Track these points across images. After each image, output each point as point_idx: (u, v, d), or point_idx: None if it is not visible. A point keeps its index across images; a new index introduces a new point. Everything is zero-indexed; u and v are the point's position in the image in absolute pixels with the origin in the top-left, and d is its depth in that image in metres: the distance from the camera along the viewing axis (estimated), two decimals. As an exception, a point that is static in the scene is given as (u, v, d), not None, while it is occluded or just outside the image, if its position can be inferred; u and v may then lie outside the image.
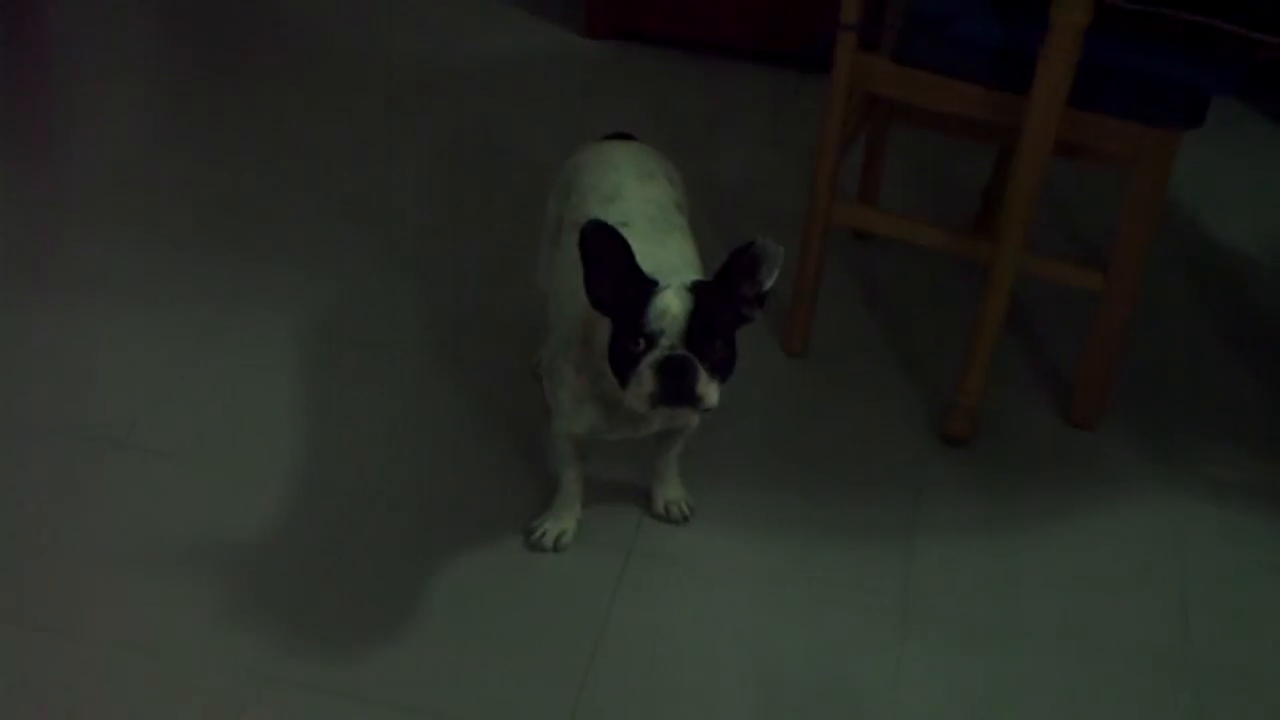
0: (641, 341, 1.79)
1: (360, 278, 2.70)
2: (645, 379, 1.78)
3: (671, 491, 2.22)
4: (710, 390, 1.81)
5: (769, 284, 1.87)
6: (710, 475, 2.29)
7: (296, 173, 3.01)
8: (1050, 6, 2.03)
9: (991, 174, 2.81)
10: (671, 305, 1.79)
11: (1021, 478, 2.37)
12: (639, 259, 1.84)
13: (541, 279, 2.25)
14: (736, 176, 3.12)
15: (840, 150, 2.42)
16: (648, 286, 1.81)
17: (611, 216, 1.98)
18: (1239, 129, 3.48)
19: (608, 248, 1.82)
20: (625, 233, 1.86)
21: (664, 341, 1.79)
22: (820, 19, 3.29)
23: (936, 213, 3.01)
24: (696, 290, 1.82)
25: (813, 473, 2.34)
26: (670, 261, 1.96)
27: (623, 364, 1.81)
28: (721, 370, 1.82)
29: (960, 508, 2.30)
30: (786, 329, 2.60)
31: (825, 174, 2.42)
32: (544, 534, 2.14)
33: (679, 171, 2.26)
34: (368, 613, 2.02)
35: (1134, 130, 2.20)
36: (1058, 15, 2.02)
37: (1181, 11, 2.17)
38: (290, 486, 2.20)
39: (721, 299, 1.84)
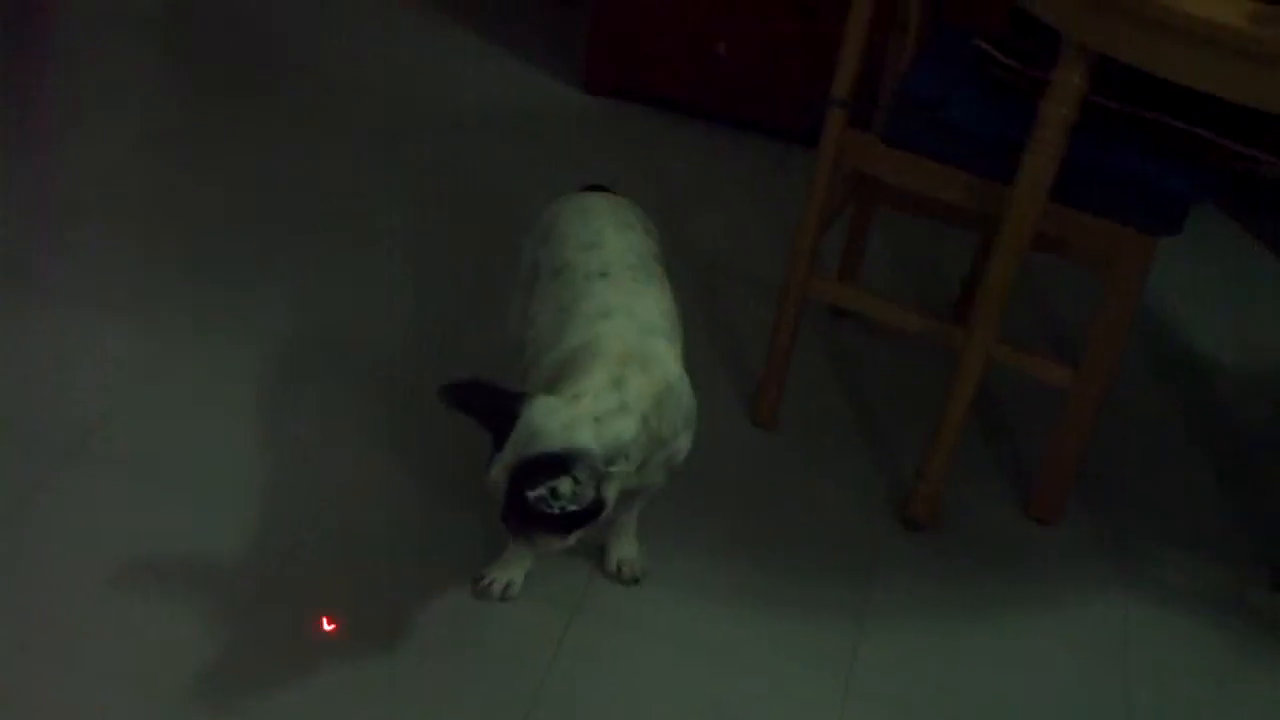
0: None
1: (338, 309, 2.69)
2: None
3: (625, 550, 2.20)
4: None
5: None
6: (666, 539, 2.28)
7: (286, 201, 3.00)
8: (1039, 100, 2.04)
9: (972, 262, 2.83)
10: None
11: (976, 565, 2.37)
12: (614, 309, 1.85)
13: (512, 327, 2.24)
14: (718, 242, 3.13)
15: (822, 224, 2.43)
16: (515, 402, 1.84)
17: (591, 264, 1.99)
18: (1212, 234, 3.51)
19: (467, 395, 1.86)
20: (604, 282, 1.87)
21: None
22: (814, 94, 3.35)
23: (916, 296, 3.02)
24: None
25: (771, 545, 2.33)
26: (648, 313, 1.97)
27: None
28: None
29: (912, 591, 2.29)
30: (756, 399, 2.59)
31: (805, 246, 2.43)
32: (492, 583, 2.12)
33: (655, 227, 2.26)
34: (303, 647, 1.99)
35: (1113, 230, 2.22)
36: (1046, 109, 2.03)
37: (1168, 118, 2.20)
38: (240, 516, 2.18)
39: None
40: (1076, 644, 2.25)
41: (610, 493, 1.84)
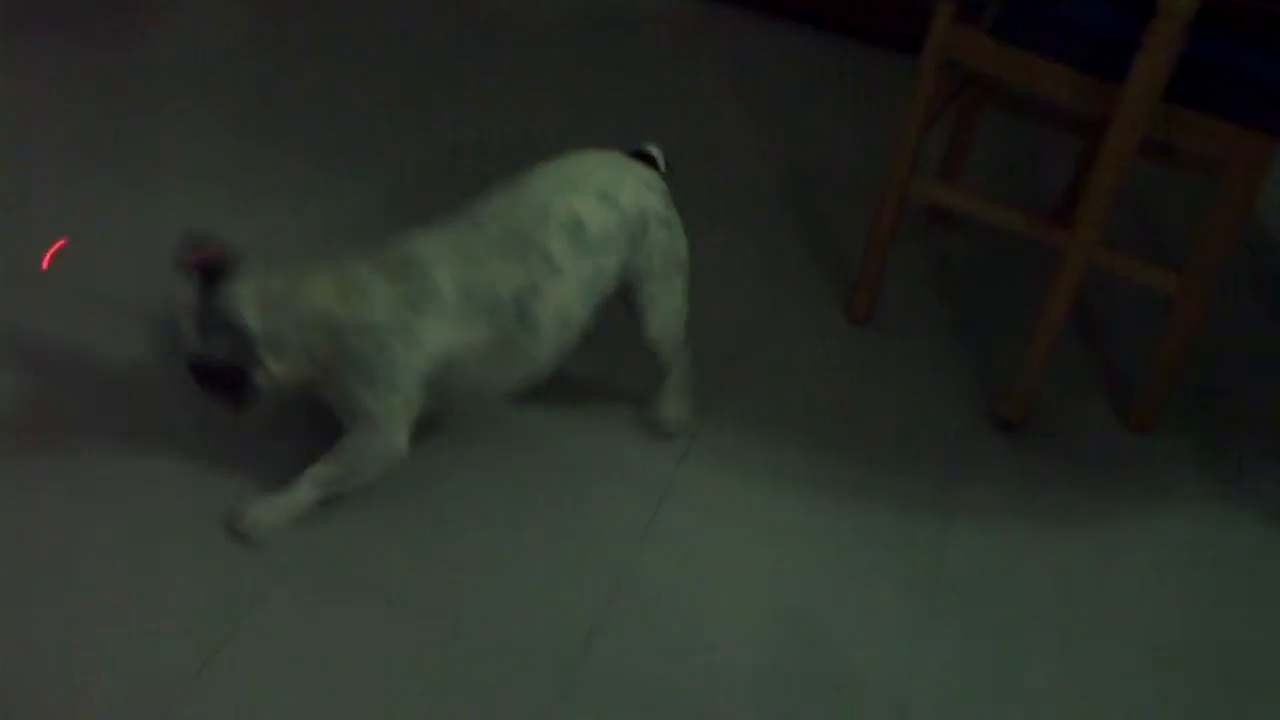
0: None
1: (412, 201, 2.71)
2: None
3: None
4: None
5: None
6: (758, 429, 2.29)
7: (372, 92, 3.02)
8: (1158, -7, 2.00)
9: (1075, 168, 2.78)
10: None
11: (1067, 470, 2.35)
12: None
13: None
14: (814, 147, 3.11)
15: (926, 123, 2.40)
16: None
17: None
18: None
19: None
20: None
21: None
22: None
23: (1014, 202, 2.98)
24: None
25: (862, 439, 2.33)
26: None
27: None
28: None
29: (1002, 490, 2.28)
30: (852, 296, 2.58)
31: (908, 144, 2.40)
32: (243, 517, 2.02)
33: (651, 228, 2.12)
34: (397, 514, 2.03)
35: (1230, 132, 2.16)
36: (1164, 1, 1.98)
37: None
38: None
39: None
40: (1167, 555, 2.23)
41: (263, 374, 1.90)
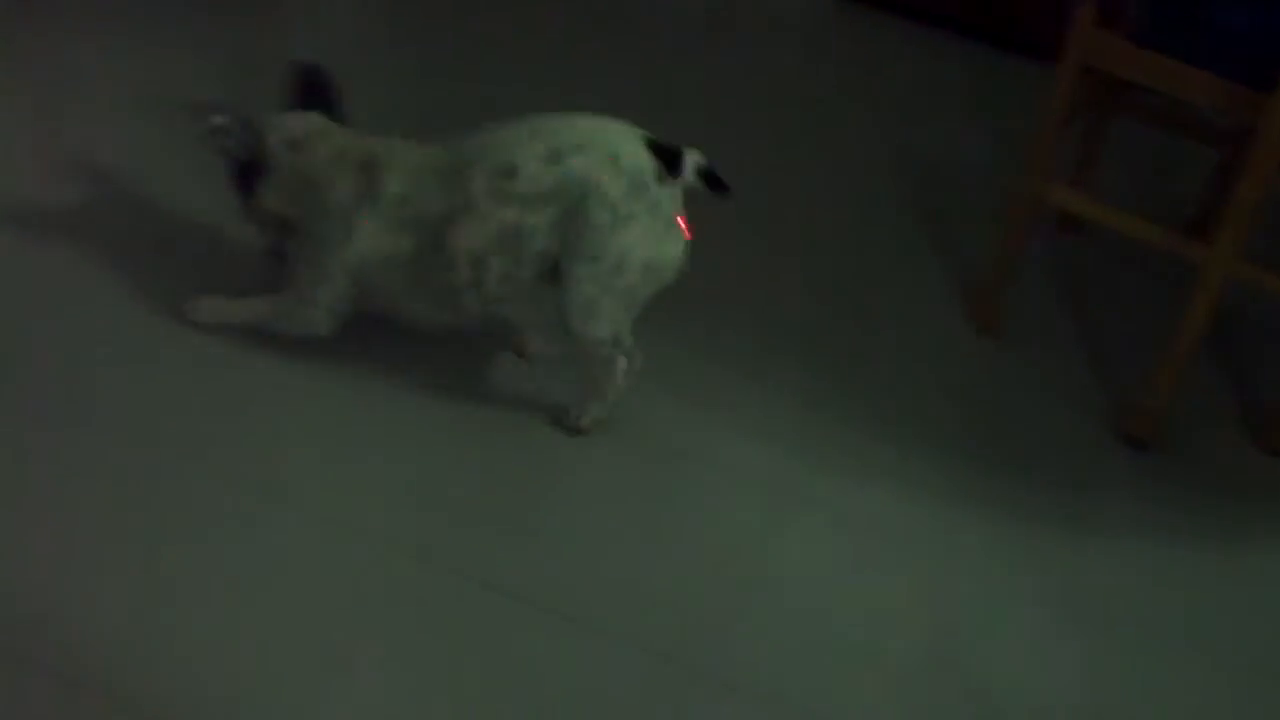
0: None
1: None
2: None
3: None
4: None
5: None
6: (884, 435, 2.26)
7: (500, 84, 3.03)
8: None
9: (1212, 180, 2.71)
10: None
11: (1198, 490, 2.29)
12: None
13: None
14: (943, 151, 3.06)
15: (1060, 130, 2.35)
16: None
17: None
18: None
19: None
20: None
21: None
22: (1048, 4, 3.23)
23: (1149, 212, 2.91)
24: None
25: (988, 450, 2.29)
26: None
27: None
28: None
29: (1131, 508, 2.23)
30: (978, 306, 2.54)
31: (1043, 151, 2.35)
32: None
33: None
34: (525, 509, 2.03)
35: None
36: (1323, 9, 1.93)
37: None
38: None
39: None
40: (1302, 577, 2.16)
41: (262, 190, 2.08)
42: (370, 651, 1.80)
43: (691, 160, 2.06)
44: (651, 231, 2.02)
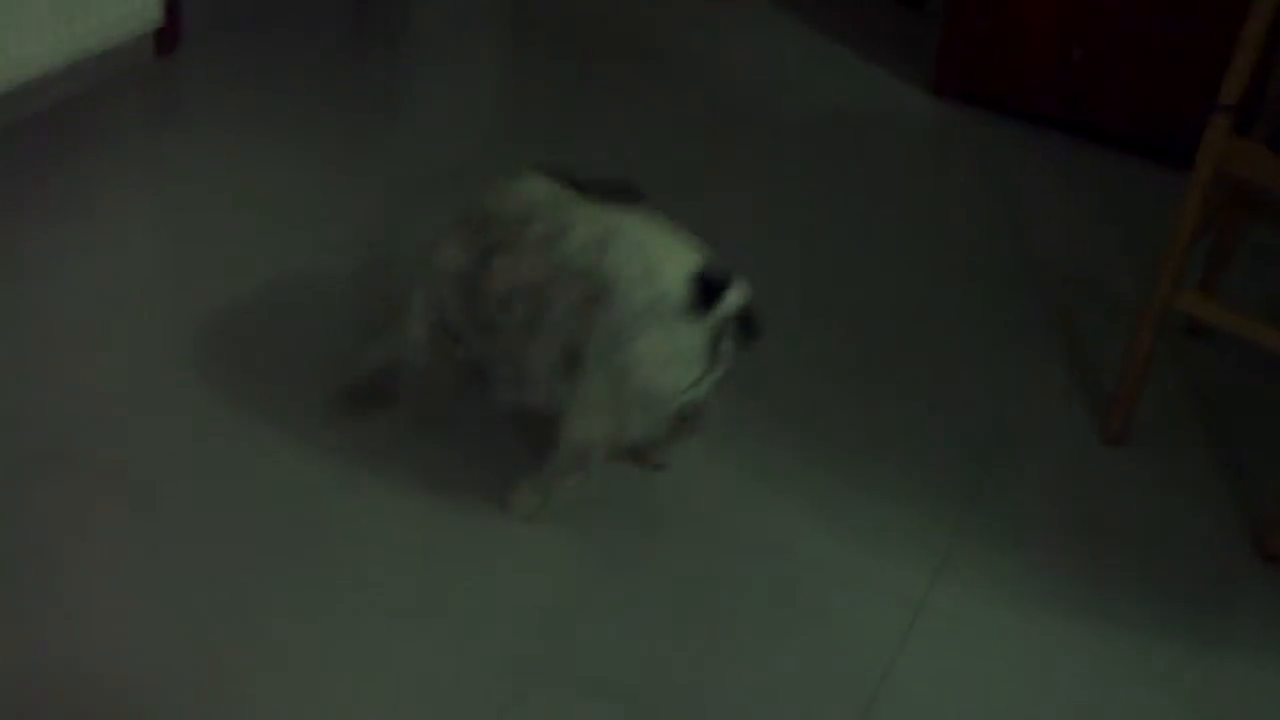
0: None
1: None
2: None
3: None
4: None
5: None
6: (1010, 551, 2.23)
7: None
8: None
9: (1348, 287, 2.67)
10: None
11: (1342, 608, 2.23)
12: None
13: None
14: (1067, 256, 3.04)
15: (1193, 237, 2.32)
16: None
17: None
18: None
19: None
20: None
21: None
22: (1176, 105, 3.22)
23: (1278, 320, 2.87)
24: None
25: (1115, 564, 2.24)
26: None
27: None
28: None
29: (1267, 628, 2.17)
30: (1107, 415, 2.50)
31: (1175, 257, 2.33)
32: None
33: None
34: (646, 622, 2.03)
35: None
36: None
37: None
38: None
39: None
40: None
41: None
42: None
43: (735, 296, 1.99)
44: (658, 356, 1.97)
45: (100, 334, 2.43)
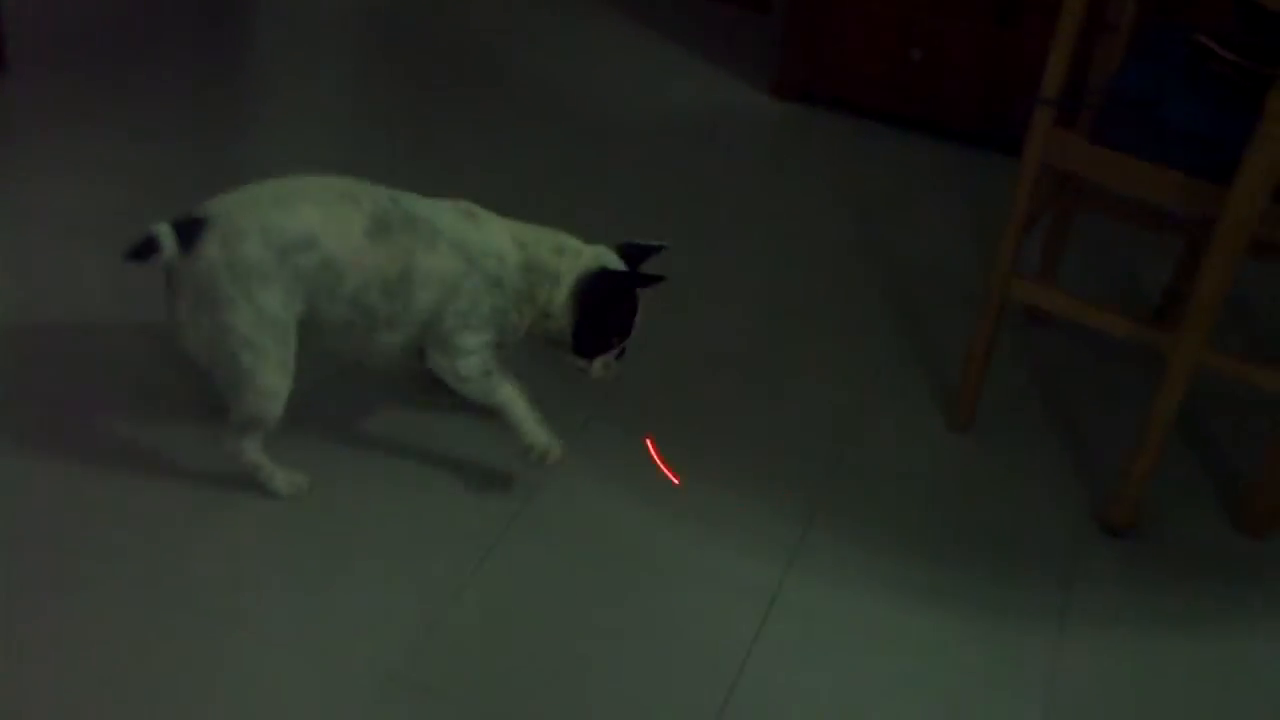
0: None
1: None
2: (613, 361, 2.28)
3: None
4: None
5: None
6: (861, 536, 2.28)
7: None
8: (1266, 95, 1.99)
9: (1175, 269, 2.77)
10: None
11: (1180, 575, 2.31)
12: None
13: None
14: (911, 248, 3.11)
15: (1025, 227, 2.39)
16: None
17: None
18: None
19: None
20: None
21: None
22: (1011, 99, 3.31)
23: (1116, 303, 2.96)
24: None
25: (967, 546, 2.30)
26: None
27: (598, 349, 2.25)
28: None
29: (1114, 598, 2.24)
30: (952, 402, 2.57)
31: (1008, 247, 2.39)
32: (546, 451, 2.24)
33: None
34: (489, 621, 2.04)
35: (1339, 233, 2.15)
36: (1275, 103, 1.98)
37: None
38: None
39: None
40: (1286, 661, 2.18)
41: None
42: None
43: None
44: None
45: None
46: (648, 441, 2.39)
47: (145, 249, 2.02)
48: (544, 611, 2.07)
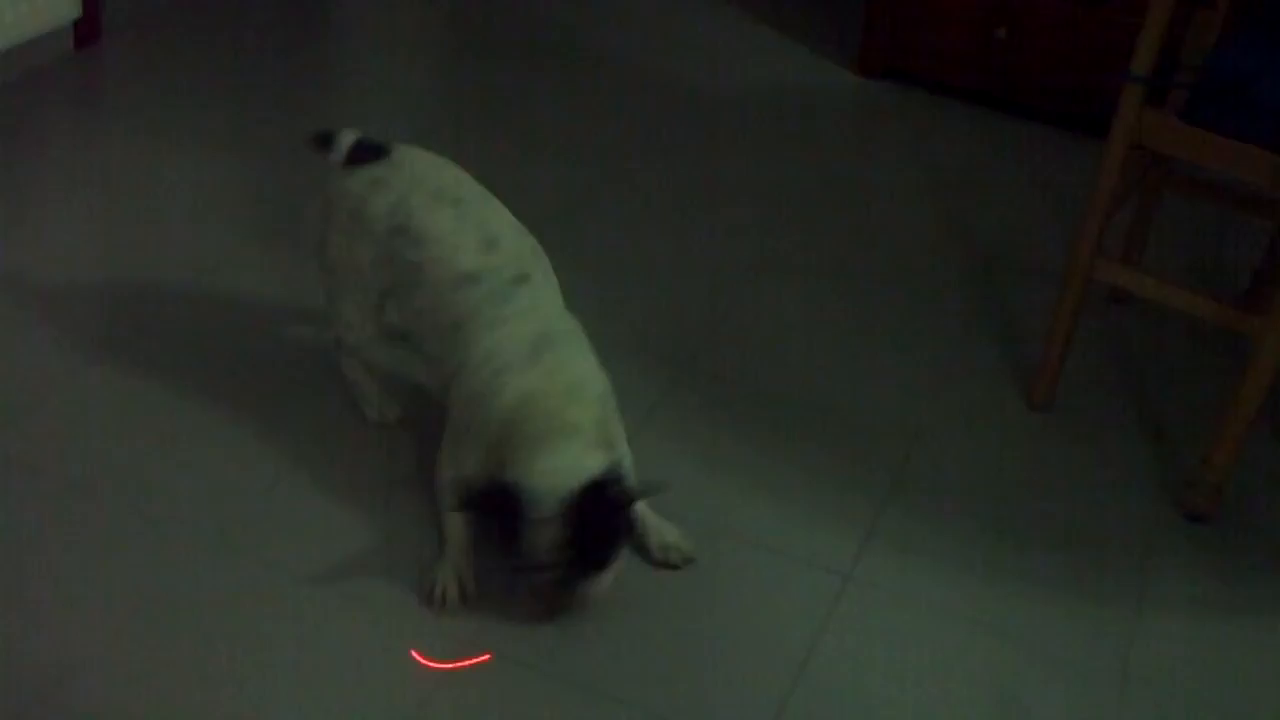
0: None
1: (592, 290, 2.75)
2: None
3: (668, 535, 2.12)
4: (605, 575, 1.95)
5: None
6: (938, 517, 2.26)
7: (549, 165, 3.08)
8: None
9: (1265, 252, 2.72)
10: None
11: (1262, 563, 2.27)
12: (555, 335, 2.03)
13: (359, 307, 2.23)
14: (993, 228, 3.08)
15: (1111, 207, 2.36)
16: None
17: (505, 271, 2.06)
18: None
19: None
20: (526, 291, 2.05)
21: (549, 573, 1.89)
22: (1099, 80, 3.26)
23: (1201, 285, 2.92)
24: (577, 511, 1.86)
25: (1041, 528, 2.28)
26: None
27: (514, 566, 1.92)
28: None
29: (1193, 585, 2.21)
30: (1032, 381, 2.54)
31: (1093, 227, 2.37)
32: (436, 586, 2.00)
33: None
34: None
35: None
36: (1370, 85, 1.94)
37: None
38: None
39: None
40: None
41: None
42: (435, 737, 1.82)
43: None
44: None
45: (20, 324, 2.42)
46: None
47: (322, 142, 2.19)
48: (623, 580, 2.07)
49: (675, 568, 2.09)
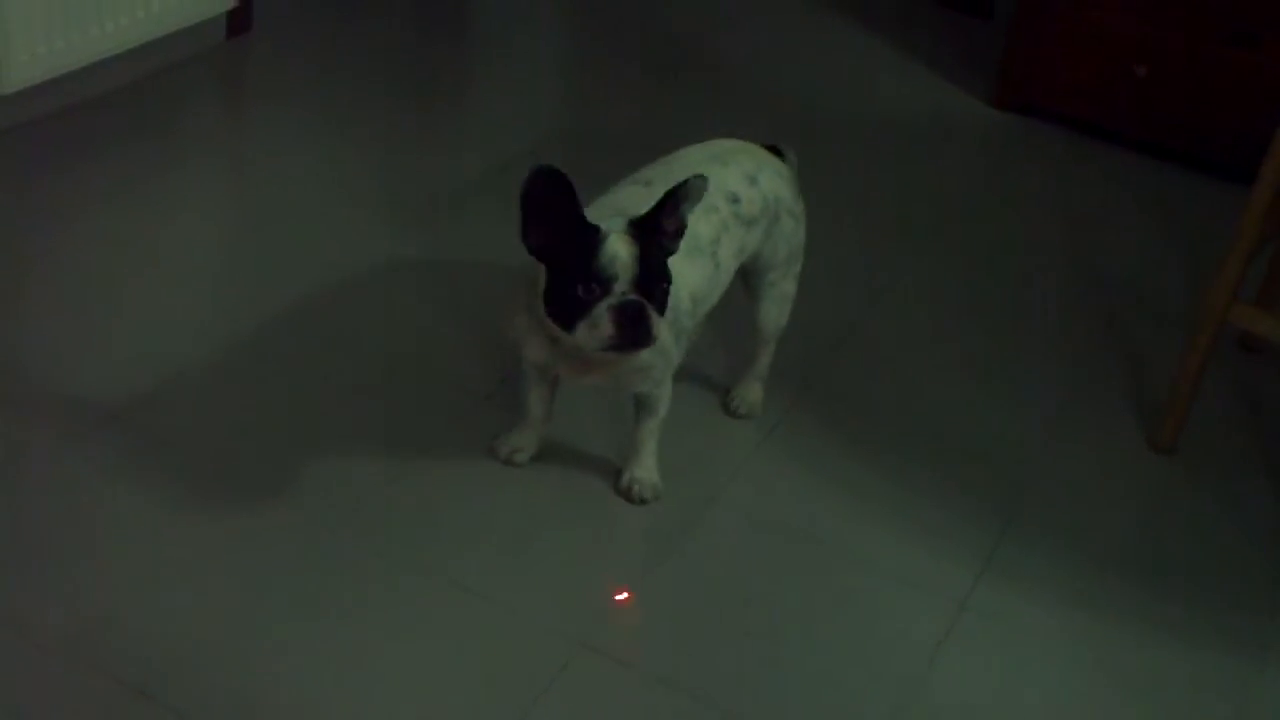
0: (595, 288, 1.85)
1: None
2: (602, 324, 1.85)
3: (640, 471, 2.18)
4: (661, 328, 1.90)
5: (688, 216, 1.93)
6: (1057, 552, 2.24)
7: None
8: None
9: (1406, 308, 2.66)
10: (621, 251, 1.85)
11: (1388, 624, 2.22)
12: None
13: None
14: (1123, 268, 3.04)
15: (1252, 250, 2.33)
16: (593, 232, 1.86)
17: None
18: None
19: (553, 194, 1.85)
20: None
21: (617, 288, 1.85)
22: (1242, 124, 3.22)
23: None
24: (638, 234, 1.87)
25: (1162, 569, 2.25)
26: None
27: (571, 309, 1.86)
28: (663, 308, 1.90)
29: (1318, 639, 2.17)
30: (1157, 424, 2.51)
31: (1233, 271, 2.33)
32: (502, 444, 2.19)
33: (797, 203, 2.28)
34: (688, 606, 2.05)
35: None
36: None
37: None
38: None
39: (656, 238, 1.90)
40: None
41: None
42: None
43: (791, 154, 2.33)
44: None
45: (168, 311, 2.48)
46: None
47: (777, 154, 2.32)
48: (738, 594, 2.08)
49: (634, 502, 2.17)
